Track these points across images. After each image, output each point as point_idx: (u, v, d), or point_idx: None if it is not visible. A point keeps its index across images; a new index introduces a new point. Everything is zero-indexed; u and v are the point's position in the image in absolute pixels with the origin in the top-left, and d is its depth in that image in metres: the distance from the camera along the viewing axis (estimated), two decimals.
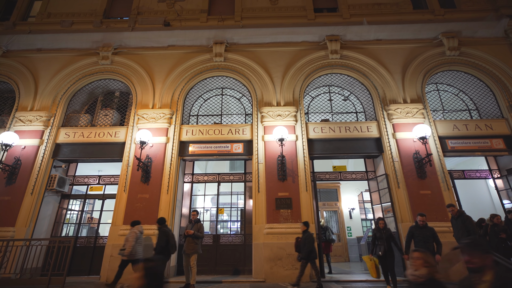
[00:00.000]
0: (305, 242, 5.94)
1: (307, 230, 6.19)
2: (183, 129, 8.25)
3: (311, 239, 5.97)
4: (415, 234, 5.03)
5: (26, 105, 8.45)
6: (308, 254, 5.82)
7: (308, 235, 6.02)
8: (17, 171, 7.60)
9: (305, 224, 6.25)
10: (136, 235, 5.89)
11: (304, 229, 6.19)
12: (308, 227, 6.24)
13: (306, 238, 5.99)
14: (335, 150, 8.04)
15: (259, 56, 8.93)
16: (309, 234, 6.06)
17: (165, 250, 5.69)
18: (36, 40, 9.10)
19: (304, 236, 6.05)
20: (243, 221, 8.11)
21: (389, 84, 8.39)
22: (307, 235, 6.04)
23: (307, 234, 6.06)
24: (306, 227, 6.21)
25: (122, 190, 7.44)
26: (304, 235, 6.08)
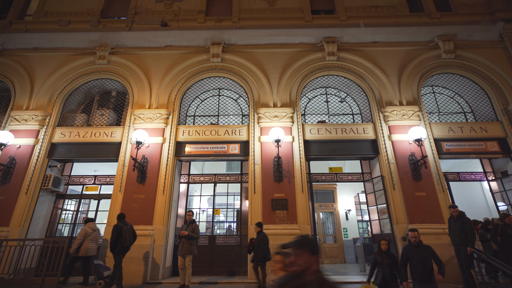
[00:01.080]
0: (259, 244, 5.66)
1: (262, 231, 5.90)
2: (179, 130, 8.24)
3: (265, 240, 5.71)
4: (410, 255, 4.19)
5: (21, 104, 8.40)
6: (264, 256, 5.58)
7: (263, 236, 5.76)
8: (12, 171, 7.54)
9: (259, 225, 5.96)
10: (86, 232, 6.12)
11: (258, 230, 5.89)
12: (262, 228, 5.96)
13: (260, 239, 5.70)
14: (331, 151, 8.07)
15: (256, 57, 8.95)
16: (263, 235, 5.79)
17: (115, 246, 5.73)
18: (33, 39, 9.06)
19: (259, 238, 5.75)
20: (239, 222, 8.10)
21: (386, 86, 8.44)
22: (261, 236, 5.75)
23: (261, 235, 5.78)
24: (260, 228, 5.91)
25: (117, 190, 7.41)
26: (259, 236, 5.78)
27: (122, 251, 5.78)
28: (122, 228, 5.83)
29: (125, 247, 5.79)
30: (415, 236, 4.27)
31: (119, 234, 5.75)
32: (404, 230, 6.85)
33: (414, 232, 4.29)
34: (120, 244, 5.72)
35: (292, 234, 6.81)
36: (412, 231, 4.31)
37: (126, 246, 5.80)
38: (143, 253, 6.66)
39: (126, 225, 5.98)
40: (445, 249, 6.36)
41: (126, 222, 6.10)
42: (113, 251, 5.73)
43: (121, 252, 5.77)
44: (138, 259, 6.61)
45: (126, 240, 5.79)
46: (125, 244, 5.78)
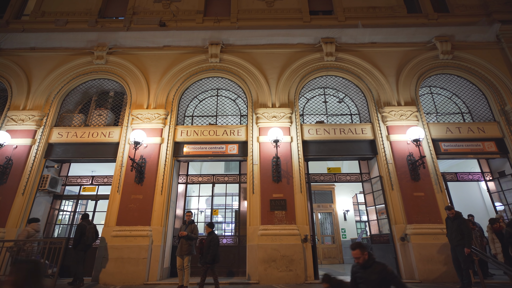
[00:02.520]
0: (209, 245, 5.42)
1: (213, 231, 5.67)
2: (177, 130, 8.22)
3: (216, 241, 5.48)
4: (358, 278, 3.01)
5: (18, 104, 8.34)
6: (213, 258, 5.36)
7: (214, 237, 5.51)
8: (8, 171, 7.48)
9: (210, 225, 5.71)
10: (28, 233, 6.08)
11: (209, 230, 5.65)
12: (213, 228, 5.72)
13: (211, 240, 5.46)
14: (329, 151, 8.07)
15: (254, 57, 8.95)
16: (214, 236, 5.54)
17: (78, 243, 6.13)
18: (30, 38, 9.00)
19: (209, 239, 5.50)
20: (237, 222, 8.09)
21: (384, 86, 8.46)
22: (212, 237, 5.51)
23: (212, 236, 5.54)
24: (211, 228, 5.67)
25: (115, 190, 7.37)
26: (209, 237, 5.53)
27: (84, 248, 6.21)
28: (86, 227, 6.29)
29: (87, 244, 6.26)
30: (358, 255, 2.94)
31: (82, 233, 6.19)
32: (402, 230, 6.86)
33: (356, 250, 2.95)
34: (83, 242, 6.17)
35: (291, 235, 6.81)
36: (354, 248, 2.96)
37: (88, 244, 6.28)
38: (141, 254, 6.62)
39: (90, 224, 6.46)
40: (444, 249, 6.38)
41: (90, 222, 6.59)
42: (75, 248, 6.15)
43: (83, 249, 6.20)
44: (136, 260, 6.58)
45: (89, 238, 6.27)
46: (87, 242, 6.25)
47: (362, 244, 2.98)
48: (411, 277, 6.44)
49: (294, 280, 6.40)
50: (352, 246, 2.97)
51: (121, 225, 6.99)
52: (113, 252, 6.68)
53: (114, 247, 6.72)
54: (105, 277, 6.46)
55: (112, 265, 6.57)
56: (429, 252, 6.43)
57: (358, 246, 2.96)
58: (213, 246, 5.40)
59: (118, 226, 6.99)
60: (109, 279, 6.46)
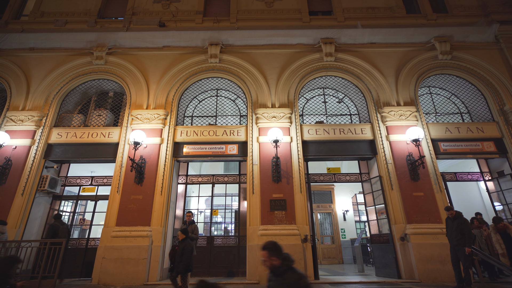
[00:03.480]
0: (182, 253, 5.03)
1: (187, 238, 5.28)
2: (177, 130, 8.22)
3: (189, 249, 5.09)
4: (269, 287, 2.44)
5: (17, 104, 8.32)
6: (186, 267, 4.99)
7: (188, 245, 5.13)
8: (8, 172, 7.46)
9: (183, 232, 5.30)
10: None
11: (183, 237, 5.25)
12: (187, 235, 5.32)
13: (184, 248, 5.06)
14: (329, 152, 8.09)
15: (254, 57, 8.96)
16: (188, 243, 5.16)
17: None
18: (29, 39, 8.98)
19: (182, 246, 5.11)
20: (237, 222, 8.08)
21: (383, 87, 8.48)
22: (186, 244, 5.13)
23: (186, 243, 5.16)
24: (184, 235, 5.27)
25: (115, 191, 7.36)
26: (182, 244, 5.15)
27: None
28: (58, 227, 6.37)
29: None
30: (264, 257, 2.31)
31: (55, 233, 6.27)
32: (402, 230, 6.88)
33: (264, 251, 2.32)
34: None
35: (291, 235, 6.81)
36: (262, 249, 2.35)
37: None
38: (141, 255, 6.61)
39: (63, 225, 6.54)
40: (443, 248, 6.39)
41: (62, 222, 6.67)
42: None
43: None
44: (136, 260, 6.57)
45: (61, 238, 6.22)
46: None
47: (274, 246, 2.32)
48: (411, 276, 6.45)
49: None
50: (262, 246, 2.33)
51: (121, 226, 6.98)
52: (113, 252, 6.67)
53: (114, 247, 6.70)
54: (105, 278, 6.44)
55: (112, 266, 6.55)
56: (428, 251, 6.45)
57: (268, 247, 2.31)
58: (186, 254, 5.01)
59: (118, 226, 6.97)
60: (109, 279, 6.44)
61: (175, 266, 5.14)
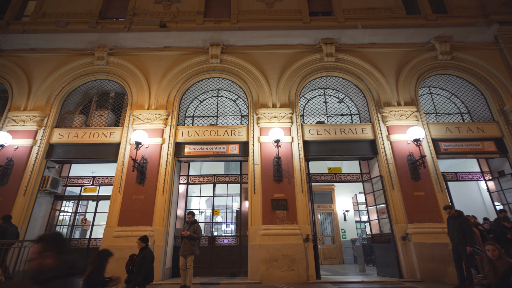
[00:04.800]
0: (142, 262, 4.64)
1: (147, 246, 4.91)
2: (178, 130, 8.23)
3: (150, 258, 4.74)
4: None
5: (19, 105, 8.33)
6: (144, 278, 4.59)
7: (148, 254, 4.76)
8: (9, 172, 7.47)
9: (143, 240, 4.93)
10: None
11: (142, 246, 4.88)
12: (147, 243, 4.95)
13: (144, 257, 4.68)
14: (330, 151, 8.11)
15: (255, 58, 8.99)
16: (148, 252, 4.79)
17: None
18: (30, 39, 9.00)
19: (142, 255, 4.72)
20: (238, 222, 8.09)
21: (383, 87, 8.52)
22: (146, 252, 4.76)
23: (146, 252, 4.79)
24: (144, 243, 4.89)
25: (116, 191, 7.37)
26: (142, 253, 4.77)
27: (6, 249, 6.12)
28: (7, 229, 6.21)
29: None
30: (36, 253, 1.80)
31: (3, 234, 6.10)
32: (403, 229, 6.89)
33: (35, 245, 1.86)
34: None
35: (293, 234, 6.83)
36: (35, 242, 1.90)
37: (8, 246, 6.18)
38: None
39: (12, 227, 6.38)
40: (444, 248, 6.42)
41: (11, 224, 6.48)
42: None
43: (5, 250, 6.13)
44: None
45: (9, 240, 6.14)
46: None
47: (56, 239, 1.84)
48: (413, 276, 6.47)
49: (296, 280, 6.42)
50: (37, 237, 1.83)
51: (122, 226, 6.99)
52: (115, 252, 6.52)
53: (116, 247, 6.67)
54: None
55: (114, 265, 6.44)
56: (430, 251, 6.46)
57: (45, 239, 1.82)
58: (146, 264, 4.64)
59: (120, 226, 6.99)
60: None
61: (133, 278, 4.65)
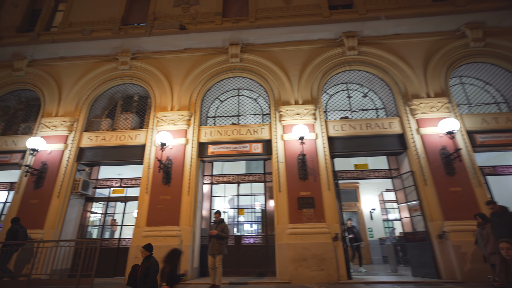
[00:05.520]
0: (146, 273, 4.20)
1: (151, 255, 4.44)
2: (201, 131, 8.28)
3: (155, 268, 4.28)
4: None
5: (50, 111, 8.73)
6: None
7: (153, 263, 4.28)
8: (44, 175, 7.82)
9: (148, 248, 4.49)
10: None
11: (147, 254, 4.42)
12: (151, 252, 4.50)
13: (149, 267, 4.22)
14: (356, 147, 7.86)
15: (275, 55, 8.89)
16: (153, 262, 4.31)
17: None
18: (59, 48, 9.42)
19: (146, 265, 4.25)
20: (264, 222, 8.01)
21: (411, 78, 8.14)
22: (151, 262, 4.29)
23: (150, 261, 4.32)
24: (148, 251, 4.46)
25: (144, 192, 7.51)
26: (146, 263, 4.30)
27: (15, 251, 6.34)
28: (18, 231, 6.42)
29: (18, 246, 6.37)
30: None
31: (14, 237, 6.33)
32: (439, 227, 6.52)
33: None
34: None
35: (321, 233, 6.65)
36: None
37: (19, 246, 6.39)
38: None
39: (22, 228, 6.56)
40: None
41: (21, 225, 6.63)
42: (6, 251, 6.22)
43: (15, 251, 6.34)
44: None
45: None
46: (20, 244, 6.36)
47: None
48: (452, 276, 6.09)
49: (326, 280, 6.24)
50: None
51: (151, 226, 7.11)
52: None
53: None
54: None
55: None
56: (470, 250, 6.05)
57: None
58: (152, 275, 4.18)
59: (148, 226, 7.11)
60: None
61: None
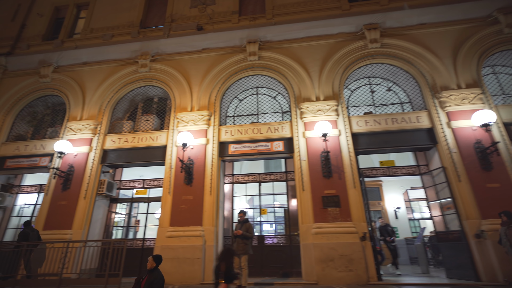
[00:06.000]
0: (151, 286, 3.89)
1: (157, 267, 4.07)
2: (221, 130, 8.24)
3: (160, 284, 3.93)
4: None
5: (75, 115, 8.98)
6: None
7: (158, 277, 3.93)
8: (71, 177, 8.04)
9: (156, 259, 4.11)
10: None
11: (153, 266, 4.05)
12: (158, 263, 4.11)
13: (153, 281, 3.87)
14: (381, 143, 7.54)
15: (294, 51, 8.71)
16: (158, 276, 3.96)
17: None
18: (82, 54, 9.69)
19: (151, 280, 3.90)
20: (287, 221, 7.85)
21: (439, 69, 7.72)
22: (155, 276, 3.94)
23: (155, 275, 3.97)
24: (156, 263, 4.08)
25: (166, 192, 7.55)
26: (151, 276, 3.94)
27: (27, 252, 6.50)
28: (29, 233, 6.69)
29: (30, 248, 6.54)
30: None
31: (25, 239, 6.58)
32: (476, 226, 6.12)
33: None
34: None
35: (348, 232, 6.42)
36: None
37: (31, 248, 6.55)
38: (195, 254, 6.68)
39: (33, 231, 6.82)
40: None
41: (32, 228, 6.94)
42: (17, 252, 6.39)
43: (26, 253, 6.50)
44: (191, 260, 6.64)
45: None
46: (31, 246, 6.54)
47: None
48: (493, 278, 5.69)
49: (355, 281, 6.00)
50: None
51: (174, 226, 7.14)
52: (169, 252, 6.82)
53: (170, 247, 6.86)
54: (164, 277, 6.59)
55: (169, 265, 6.69)
56: None
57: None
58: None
59: (172, 226, 7.14)
60: (167, 278, 6.47)
61: None
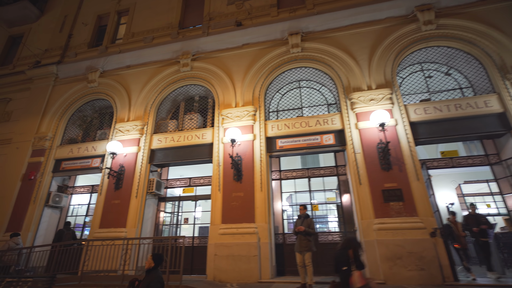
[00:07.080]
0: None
1: (156, 268, 3.72)
2: (268, 125, 8.05)
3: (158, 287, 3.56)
4: None
5: (123, 117, 9.23)
6: None
7: (157, 278, 3.59)
8: (122, 177, 8.24)
9: (156, 258, 3.77)
10: (9, 246, 6.94)
11: (151, 266, 3.71)
12: (158, 264, 3.75)
13: (150, 284, 3.52)
14: (444, 132, 6.94)
15: (339, 40, 8.33)
16: (158, 277, 3.61)
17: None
18: (125, 58, 9.99)
19: (147, 281, 3.56)
20: (341, 217, 7.47)
21: (508, 48, 6.98)
22: (152, 279, 3.58)
23: (154, 275, 3.63)
24: (155, 263, 3.73)
25: (216, 189, 7.48)
26: (148, 278, 3.62)
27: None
28: (64, 232, 7.61)
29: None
30: None
31: (60, 238, 7.34)
32: None
33: None
34: None
35: (415, 228, 5.94)
36: None
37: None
38: (251, 251, 6.52)
39: (68, 231, 7.63)
40: None
41: (69, 228, 7.80)
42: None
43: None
44: (247, 257, 6.49)
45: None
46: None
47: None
48: None
49: (429, 281, 5.50)
50: None
51: (226, 223, 7.03)
52: (223, 249, 6.72)
53: (224, 244, 6.76)
54: (220, 274, 6.51)
55: (224, 263, 6.60)
56: None
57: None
58: None
59: (224, 224, 7.04)
60: (224, 276, 6.49)
61: None
